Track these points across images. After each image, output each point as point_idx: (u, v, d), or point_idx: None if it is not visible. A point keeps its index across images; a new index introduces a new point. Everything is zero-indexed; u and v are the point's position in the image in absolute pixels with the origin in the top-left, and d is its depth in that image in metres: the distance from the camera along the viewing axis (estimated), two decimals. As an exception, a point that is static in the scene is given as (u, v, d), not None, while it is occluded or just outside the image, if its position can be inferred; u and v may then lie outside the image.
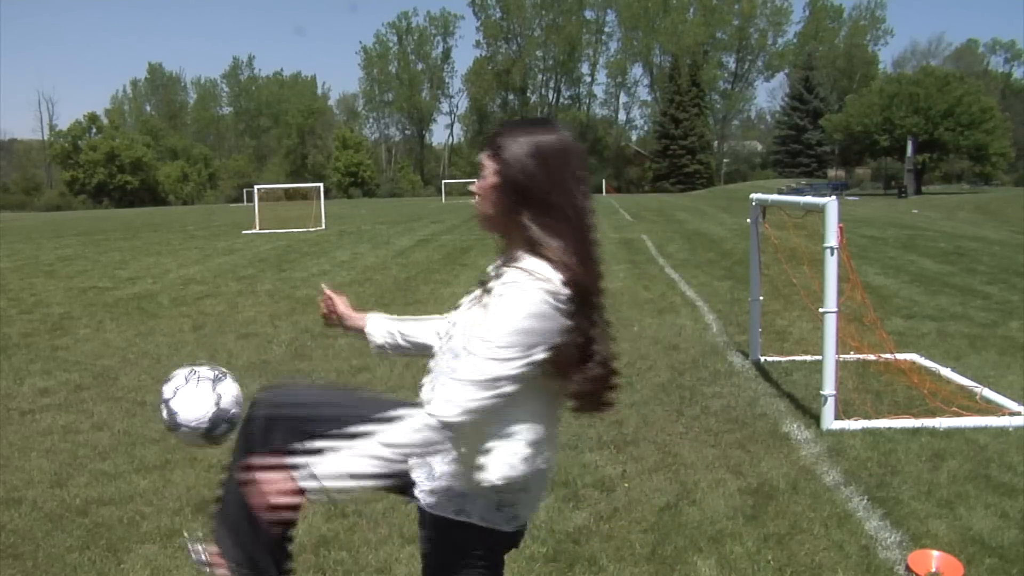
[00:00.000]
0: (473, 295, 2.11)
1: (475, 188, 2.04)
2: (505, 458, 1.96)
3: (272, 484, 1.86)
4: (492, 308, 1.89)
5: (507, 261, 1.99)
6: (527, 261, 1.91)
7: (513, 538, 2.15)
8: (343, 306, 2.58)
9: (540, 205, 1.93)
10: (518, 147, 1.95)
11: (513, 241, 2.00)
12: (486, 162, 2.01)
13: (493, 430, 1.95)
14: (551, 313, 1.87)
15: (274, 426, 2.26)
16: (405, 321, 2.54)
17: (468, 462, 1.98)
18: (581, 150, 2.04)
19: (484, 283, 2.04)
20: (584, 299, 1.93)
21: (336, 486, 1.86)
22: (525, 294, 1.86)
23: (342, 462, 1.86)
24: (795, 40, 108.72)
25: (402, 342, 2.49)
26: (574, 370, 1.96)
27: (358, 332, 2.56)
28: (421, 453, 1.92)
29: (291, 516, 1.98)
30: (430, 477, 2.09)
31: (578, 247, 1.94)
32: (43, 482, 5.01)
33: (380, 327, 2.52)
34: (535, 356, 1.88)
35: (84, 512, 4.54)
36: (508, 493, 2.02)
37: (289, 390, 2.52)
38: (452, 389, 1.87)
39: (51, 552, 4.07)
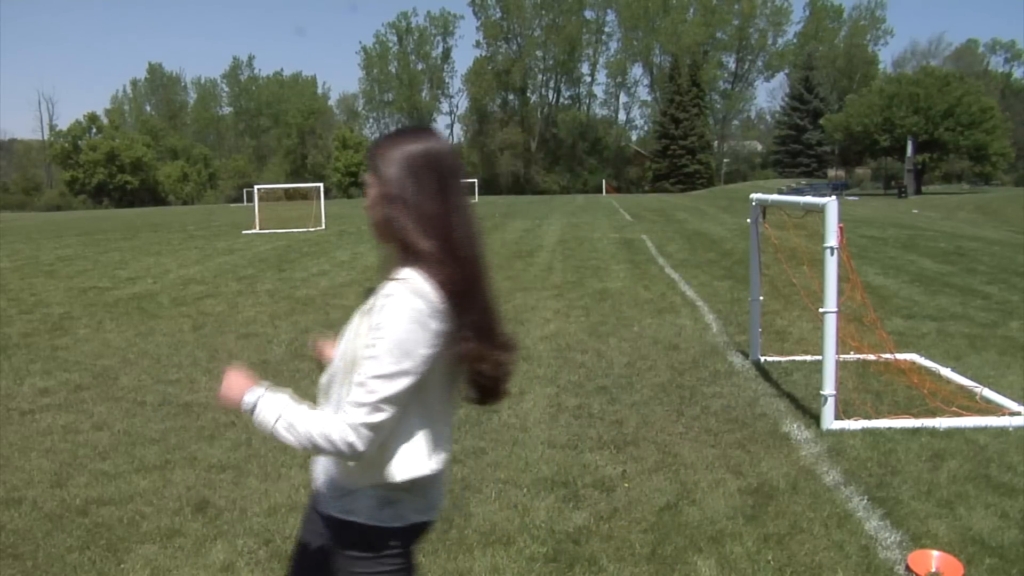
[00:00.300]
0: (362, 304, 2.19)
1: (364, 204, 2.14)
2: (408, 458, 2.03)
3: (231, 388, 2.08)
4: (374, 325, 1.96)
5: (388, 272, 2.05)
6: (403, 271, 1.98)
7: (411, 534, 2.15)
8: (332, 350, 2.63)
9: (412, 211, 2.01)
10: (388, 160, 2.05)
11: (395, 249, 2.06)
12: (367, 177, 2.10)
13: (393, 431, 2.02)
14: (428, 321, 1.94)
15: None
16: None
17: (365, 462, 2.03)
18: (449, 153, 2.11)
19: (369, 292, 2.10)
20: (464, 295, 2.00)
21: (259, 427, 2.04)
22: (401, 308, 1.93)
23: (271, 419, 2.00)
24: (795, 40, 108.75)
25: None
26: (477, 363, 2.04)
27: None
28: (324, 455, 2.06)
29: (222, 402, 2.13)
30: (322, 474, 2.18)
31: (452, 246, 2.01)
32: (43, 482, 5.01)
33: None
34: (422, 366, 1.95)
35: (84, 512, 4.55)
36: (391, 491, 2.06)
37: None
38: (352, 414, 1.93)
39: (51, 552, 4.07)
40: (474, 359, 2.03)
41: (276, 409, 2.01)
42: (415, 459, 2.04)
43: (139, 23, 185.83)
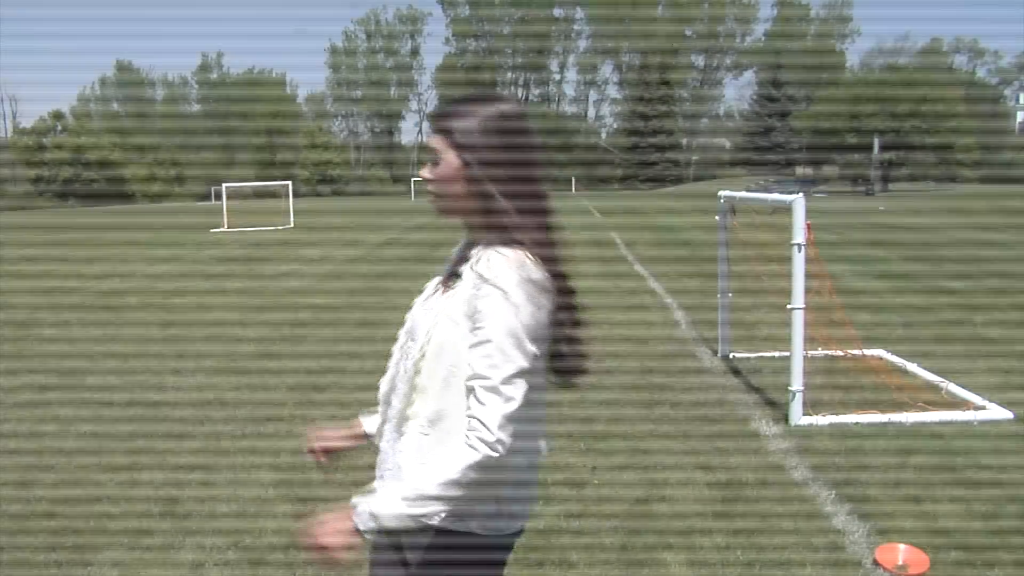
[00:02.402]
0: (435, 283, 2.00)
1: (428, 174, 1.90)
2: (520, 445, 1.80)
3: (329, 527, 1.78)
4: (483, 310, 1.75)
5: (479, 246, 1.87)
6: (502, 248, 1.79)
7: (512, 541, 1.95)
8: (330, 434, 2.27)
9: (507, 182, 1.82)
10: (474, 124, 1.83)
11: (478, 223, 1.88)
12: (439, 145, 1.86)
13: None
14: (542, 302, 1.77)
15: None
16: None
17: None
18: (529, 117, 1.93)
19: (454, 272, 1.91)
20: (559, 275, 1.83)
21: (396, 526, 1.77)
22: (514, 289, 1.74)
23: (403, 505, 1.73)
24: (763, 38, 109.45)
25: None
26: (571, 344, 1.90)
27: (359, 439, 2.23)
28: (482, 484, 1.75)
29: (346, 558, 1.79)
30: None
31: (546, 223, 1.86)
32: (8, 484, 4.95)
33: (374, 418, 2.17)
34: (539, 346, 1.79)
35: (50, 514, 4.49)
36: (508, 490, 1.86)
37: None
38: (483, 408, 1.72)
39: (16, 555, 4.02)
40: (569, 341, 1.88)
41: (390, 496, 1.75)
42: (526, 445, 1.83)
43: (109, 20, 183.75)
